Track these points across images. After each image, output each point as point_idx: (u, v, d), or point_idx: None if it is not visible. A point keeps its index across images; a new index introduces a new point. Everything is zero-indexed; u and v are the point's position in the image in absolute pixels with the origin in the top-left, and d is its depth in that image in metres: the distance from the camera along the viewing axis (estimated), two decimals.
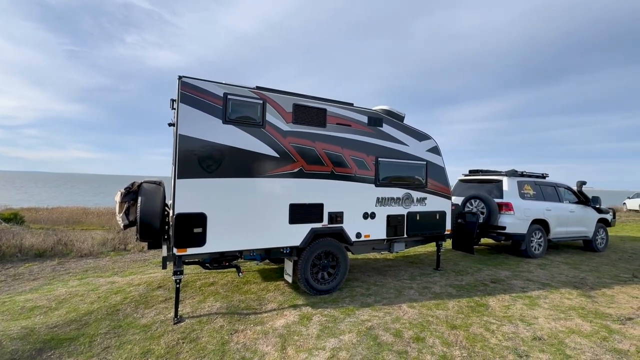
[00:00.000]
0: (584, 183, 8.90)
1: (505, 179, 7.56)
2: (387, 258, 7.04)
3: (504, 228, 7.14)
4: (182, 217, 3.67)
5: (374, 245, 5.35)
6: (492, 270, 6.14)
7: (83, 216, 17.23)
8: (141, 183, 4.20)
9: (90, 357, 3.08)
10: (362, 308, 4.18)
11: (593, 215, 8.59)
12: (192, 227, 3.72)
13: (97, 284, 5.06)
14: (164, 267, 3.75)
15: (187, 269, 5.60)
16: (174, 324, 3.72)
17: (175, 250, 3.65)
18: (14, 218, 14.03)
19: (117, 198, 4.11)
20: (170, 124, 4.70)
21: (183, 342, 3.33)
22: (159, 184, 4.30)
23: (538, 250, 7.54)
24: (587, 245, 8.68)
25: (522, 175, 7.86)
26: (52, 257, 6.91)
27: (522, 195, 7.50)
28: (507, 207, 7.21)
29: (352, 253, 5.14)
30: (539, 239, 7.59)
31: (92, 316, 3.89)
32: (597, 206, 8.68)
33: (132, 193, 4.12)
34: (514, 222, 7.15)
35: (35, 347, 3.21)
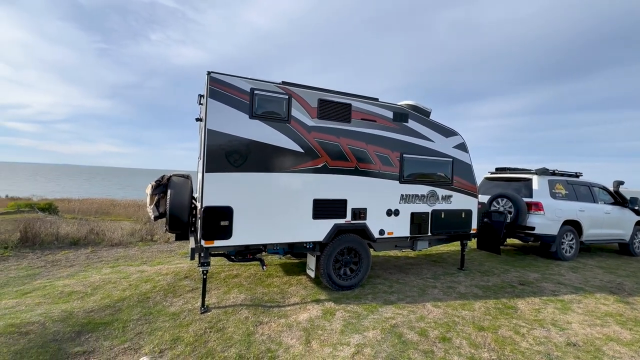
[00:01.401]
0: (621, 183, 8.38)
1: (535, 178, 7.24)
2: (409, 256, 6.94)
3: (533, 228, 6.86)
4: (209, 210, 3.75)
5: (397, 242, 5.28)
6: (519, 272, 5.92)
7: (111, 207, 18.10)
8: (170, 176, 4.33)
9: (124, 342, 3.23)
10: (385, 305, 4.14)
11: (630, 217, 8.09)
12: (219, 220, 3.80)
13: (127, 272, 5.29)
14: (192, 258, 3.86)
15: (211, 260, 5.74)
16: (201, 313, 3.83)
17: (202, 242, 3.75)
18: (49, 208, 14.93)
19: (148, 190, 4.26)
20: (197, 119, 4.81)
21: (210, 331, 3.43)
22: (187, 177, 4.42)
23: (569, 252, 7.20)
24: (623, 249, 8.20)
25: (553, 173, 7.50)
26: (85, 245, 7.28)
27: (554, 195, 7.16)
28: (537, 206, 6.91)
29: (375, 250, 5.10)
30: (571, 240, 7.24)
31: (125, 303, 4.07)
32: (636, 208, 8.17)
33: (162, 186, 4.26)
34: (544, 223, 6.85)
35: (74, 330, 3.40)
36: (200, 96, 4.57)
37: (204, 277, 3.94)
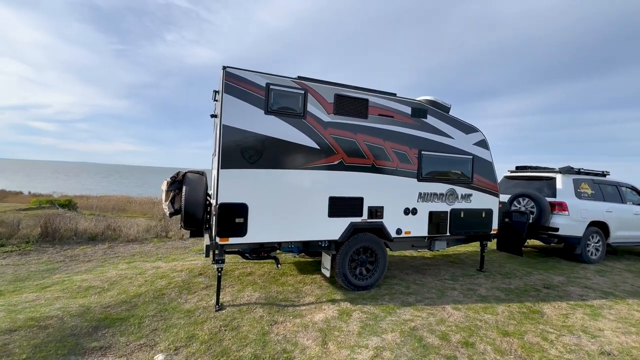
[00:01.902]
0: None
1: (559, 177, 6.93)
2: (425, 256, 6.76)
3: (557, 230, 6.56)
4: (224, 207, 3.70)
5: (414, 242, 5.13)
6: (543, 275, 5.67)
7: (127, 204, 18.54)
8: (185, 173, 4.31)
9: (139, 338, 3.21)
10: (403, 307, 4.01)
11: None
12: (234, 217, 3.75)
13: (143, 268, 5.32)
14: (207, 255, 3.82)
15: (225, 258, 5.72)
16: (216, 311, 3.79)
17: (217, 239, 3.71)
18: (69, 204, 15.37)
19: (164, 187, 4.25)
20: (212, 116, 4.78)
21: (225, 330, 3.38)
22: (202, 174, 4.39)
23: (595, 255, 6.87)
24: None
25: (578, 172, 7.16)
26: (103, 241, 7.40)
27: (579, 195, 6.83)
28: (561, 206, 6.61)
29: (391, 249, 4.96)
30: (597, 243, 6.90)
31: (141, 299, 4.07)
32: None
33: (177, 182, 4.24)
34: (569, 224, 6.55)
35: (91, 325, 3.41)
36: (215, 92, 4.53)
37: (219, 274, 3.90)
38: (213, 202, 3.94)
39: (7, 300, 3.90)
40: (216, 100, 4.83)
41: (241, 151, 3.78)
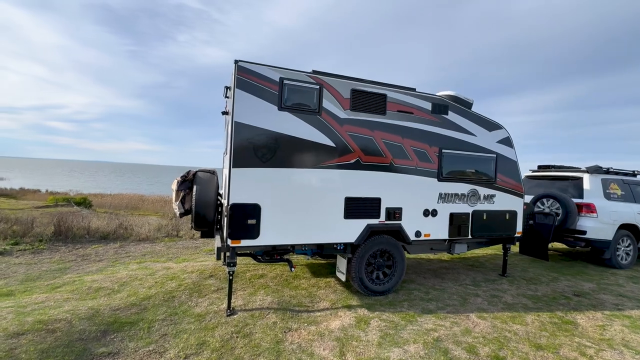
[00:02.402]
0: None
1: (586, 176, 6.54)
2: (443, 259, 6.48)
3: (584, 233, 6.19)
4: (236, 208, 3.54)
5: (433, 245, 4.88)
6: (571, 281, 5.33)
7: (140, 202, 18.77)
8: (196, 172, 4.17)
9: (149, 344, 3.08)
10: (424, 315, 3.78)
11: None
12: (247, 218, 3.58)
13: (154, 269, 5.23)
14: (218, 257, 3.67)
15: (237, 259, 5.60)
16: (227, 315, 3.64)
17: (229, 241, 3.55)
18: (84, 202, 15.61)
19: (174, 186, 4.13)
20: (223, 113, 4.63)
21: (237, 337, 3.22)
22: (212, 173, 4.24)
23: (625, 260, 6.46)
24: None
25: (607, 172, 6.75)
26: (114, 240, 7.38)
27: (608, 196, 6.44)
28: (589, 208, 6.23)
29: (409, 252, 4.72)
30: (627, 247, 6.49)
31: (150, 301, 3.96)
32: None
33: (187, 182, 4.11)
34: (597, 227, 6.16)
35: (100, 329, 3.30)
36: (227, 88, 4.38)
37: (230, 278, 3.74)
38: (224, 202, 3.78)
39: (17, 301, 3.83)
40: (227, 97, 4.67)
41: (254, 149, 3.61)
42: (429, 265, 6.00)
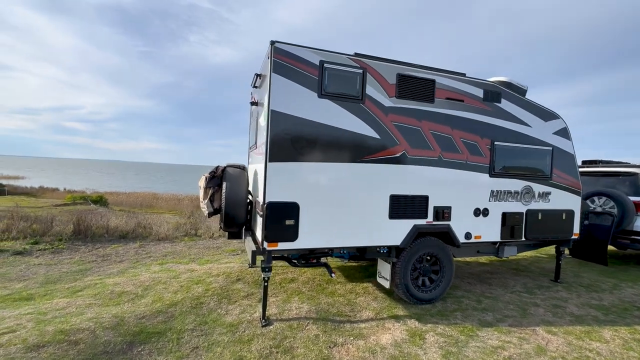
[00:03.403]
0: None
1: None
2: (481, 261, 5.99)
3: None
4: (273, 207, 3.16)
5: (481, 248, 4.42)
6: (635, 289, 4.77)
7: (154, 201, 18.82)
8: (225, 167, 3.82)
9: (179, 358, 2.75)
10: (483, 328, 3.33)
11: None
12: (284, 218, 3.21)
13: (177, 271, 4.93)
14: (253, 262, 3.31)
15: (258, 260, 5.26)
16: (262, 326, 3.28)
17: (265, 244, 3.18)
18: (100, 200, 15.64)
19: (202, 183, 3.78)
20: (252, 103, 4.26)
21: (277, 352, 2.85)
22: (242, 168, 3.88)
23: None
24: None
25: None
26: (134, 239, 7.15)
27: None
28: None
29: (454, 256, 4.27)
30: None
31: (177, 308, 3.63)
32: None
33: (216, 178, 3.76)
34: None
35: (125, 340, 2.98)
36: (257, 76, 4.00)
37: (265, 284, 3.37)
38: (259, 200, 3.41)
39: (36, 307, 3.57)
40: (256, 87, 4.31)
41: (292, 141, 3.22)
42: (469, 268, 5.52)
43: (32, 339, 2.88)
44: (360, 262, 5.39)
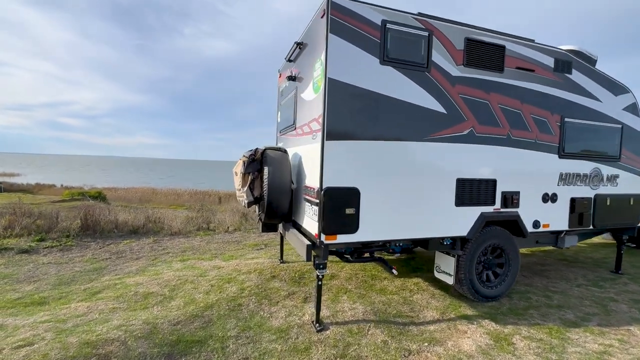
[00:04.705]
0: None
1: None
2: (522, 251, 5.57)
3: None
4: (332, 193, 2.69)
5: (540, 237, 3.99)
6: None
7: (152, 195, 18.34)
8: (264, 149, 3.32)
9: None
10: (570, 329, 2.92)
11: None
12: (344, 206, 2.74)
13: (202, 269, 4.46)
14: (309, 258, 2.84)
15: (286, 254, 4.80)
16: (317, 331, 2.84)
17: (323, 237, 2.71)
18: (99, 196, 15.08)
19: (238, 169, 3.29)
20: (290, 77, 3.74)
21: None
22: (283, 151, 3.40)
23: None
24: None
25: None
26: (145, 234, 6.67)
27: None
28: None
29: None
30: None
31: (214, 311, 3.18)
32: None
33: (256, 162, 3.27)
34: None
35: (163, 352, 2.53)
36: (297, 45, 3.47)
37: (320, 283, 2.91)
38: (314, 186, 2.93)
39: (53, 314, 3.09)
40: (291, 60, 3.80)
41: (351, 116, 2.74)
42: None
43: (54, 353, 2.41)
44: (401, 255, 4.95)
